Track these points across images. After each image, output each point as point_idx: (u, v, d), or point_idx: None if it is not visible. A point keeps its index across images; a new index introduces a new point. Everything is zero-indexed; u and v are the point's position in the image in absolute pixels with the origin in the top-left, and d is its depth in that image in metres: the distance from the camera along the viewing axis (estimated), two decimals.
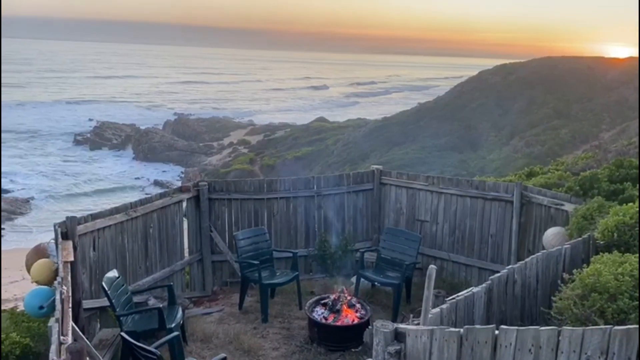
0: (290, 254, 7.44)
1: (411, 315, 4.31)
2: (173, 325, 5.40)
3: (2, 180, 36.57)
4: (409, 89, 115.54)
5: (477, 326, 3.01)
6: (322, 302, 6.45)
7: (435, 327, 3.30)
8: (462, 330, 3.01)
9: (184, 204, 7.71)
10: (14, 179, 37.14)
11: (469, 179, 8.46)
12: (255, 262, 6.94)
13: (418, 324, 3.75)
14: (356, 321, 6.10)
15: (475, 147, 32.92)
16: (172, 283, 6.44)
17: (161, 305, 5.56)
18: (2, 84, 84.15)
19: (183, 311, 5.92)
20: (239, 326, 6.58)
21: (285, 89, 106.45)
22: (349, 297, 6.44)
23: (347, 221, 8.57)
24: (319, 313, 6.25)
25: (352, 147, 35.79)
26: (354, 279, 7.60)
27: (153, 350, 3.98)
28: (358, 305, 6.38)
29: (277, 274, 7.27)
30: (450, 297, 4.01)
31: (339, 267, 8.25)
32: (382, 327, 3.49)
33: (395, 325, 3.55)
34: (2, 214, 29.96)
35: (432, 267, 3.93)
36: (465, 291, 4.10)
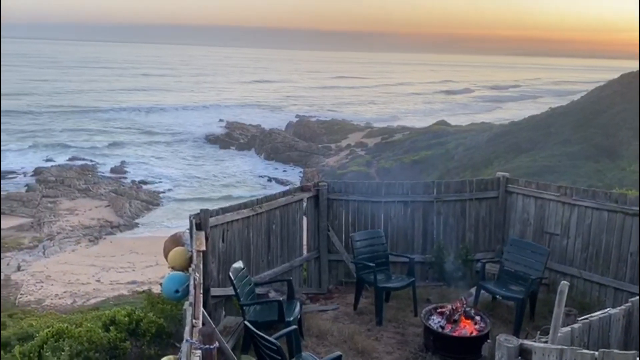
0: (407, 259, 7.36)
1: (537, 333, 4.04)
2: (291, 319, 5.58)
3: (142, 173, 40.45)
4: (546, 93, 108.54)
5: (616, 351, 2.76)
6: (439, 310, 6.29)
7: (565, 347, 3.07)
8: (597, 353, 2.78)
9: (304, 203, 7.96)
10: (152, 173, 40.86)
11: (607, 191, 7.74)
12: (371, 264, 6.96)
13: (546, 342, 3.51)
14: (475, 333, 5.87)
15: (613, 156, 30.02)
16: (291, 278, 6.67)
17: (281, 299, 5.78)
18: (148, 88, 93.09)
19: (300, 306, 6.10)
20: (353, 326, 6.64)
21: (404, 93, 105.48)
22: (467, 308, 6.21)
23: (468, 229, 8.27)
24: (436, 321, 6.11)
25: (475, 152, 34.43)
26: (473, 290, 7.31)
27: (273, 341, 4.15)
28: (477, 317, 6.13)
29: (393, 278, 7.22)
30: (583, 317, 3.71)
31: (458, 276, 7.99)
32: (506, 342, 3.32)
33: (521, 341, 3.36)
34: (142, 204, 33.11)
35: (565, 284, 3.66)
36: (600, 312, 3.77)
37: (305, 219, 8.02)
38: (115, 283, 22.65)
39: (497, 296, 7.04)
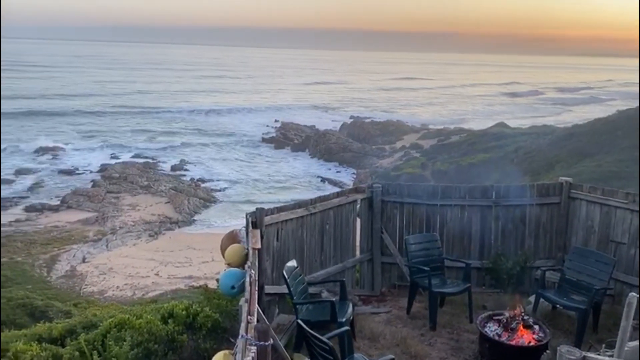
0: (463, 264, 7.20)
1: (602, 346, 3.85)
2: (344, 319, 5.58)
3: (200, 172, 41.59)
4: (617, 95, 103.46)
5: None
6: (496, 317, 6.12)
7: None
8: None
9: (358, 204, 7.94)
10: (209, 172, 41.95)
11: None
12: (426, 268, 6.86)
13: (611, 356, 3.35)
14: (533, 343, 5.66)
15: None
16: (344, 279, 6.67)
17: (334, 299, 5.80)
18: (206, 90, 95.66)
19: (353, 307, 6.09)
20: (406, 330, 6.56)
21: (465, 94, 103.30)
22: (526, 317, 6.01)
23: (527, 235, 8.00)
24: (492, 329, 5.94)
25: (535, 156, 33.25)
26: (531, 298, 7.07)
27: (326, 340, 4.16)
28: (536, 327, 5.92)
29: (448, 282, 7.09)
30: None
31: (515, 283, 7.75)
32: (568, 353, 3.18)
33: (584, 353, 3.21)
34: (199, 201, 34.04)
35: (633, 295, 3.47)
36: None
37: (358, 220, 8.01)
38: (172, 277, 23.40)
39: (558, 305, 6.77)
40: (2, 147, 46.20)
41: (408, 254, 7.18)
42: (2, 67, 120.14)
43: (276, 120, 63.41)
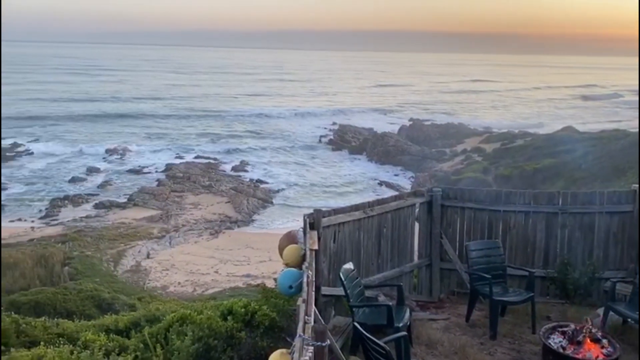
0: (526, 273, 6.95)
1: None
2: (401, 324, 5.52)
3: (260, 173, 42.36)
4: None
5: None
6: (561, 329, 5.85)
7: None
8: None
9: (417, 208, 7.82)
10: (268, 173, 42.66)
11: None
12: (487, 275, 6.66)
13: None
14: (601, 358, 5.38)
15: None
16: (401, 283, 6.59)
17: (391, 304, 5.74)
18: (266, 93, 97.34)
19: (410, 313, 6.00)
20: (465, 338, 6.40)
21: (534, 97, 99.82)
22: (593, 330, 5.71)
23: (596, 245, 7.61)
24: (556, 341, 5.69)
25: (605, 161, 31.61)
26: (600, 311, 6.71)
27: (383, 345, 4.13)
28: (604, 341, 5.61)
29: (510, 291, 6.85)
30: None
31: (582, 295, 7.39)
32: None
33: None
34: (258, 201, 34.67)
35: None
36: None
37: (417, 224, 7.89)
38: (231, 275, 23.96)
39: (630, 320, 6.40)
40: (77, 148, 48.99)
41: (468, 260, 7.00)
42: (76, 71, 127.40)
43: (334, 123, 63.63)
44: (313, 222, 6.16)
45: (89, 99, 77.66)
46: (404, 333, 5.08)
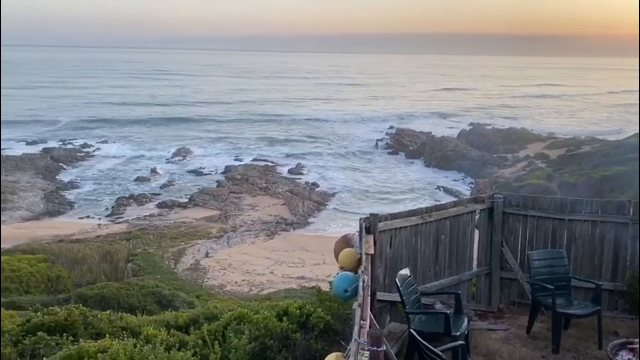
0: (592, 285, 6.61)
1: None
2: (458, 333, 5.39)
3: (315, 176, 42.62)
4: None
5: None
6: (630, 346, 5.53)
7: None
8: None
9: (477, 215, 7.62)
10: (324, 176, 42.84)
11: None
12: (550, 286, 6.39)
13: None
14: None
15: None
16: (459, 292, 6.44)
17: (448, 312, 5.62)
18: (324, 97, 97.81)
19: (468, 322, 5.85)
20: (525, 350, 6.17)
21: (604, 102, 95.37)
22: None
23: None
24: (625, 358, 5.38)
25: None
26: None
27: (440, 353, 4.05)
28: None
29: (575, 303, 6.54)
30: None
31: None
32: None
33: None
34: (313, 204, 34.89)
35: None
36: None
37: (476, 231, 7.69)
38: (286, 277, 24.23)
39: None
40: (142, 150, 51.11)
41: (531, 270, 6.75)
42: (144, 76, 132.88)
43: (391, 127, 63.17)
44: (369, 226, 6.12)
45: (154, 102, 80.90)
46: (462, 342, 4.96)
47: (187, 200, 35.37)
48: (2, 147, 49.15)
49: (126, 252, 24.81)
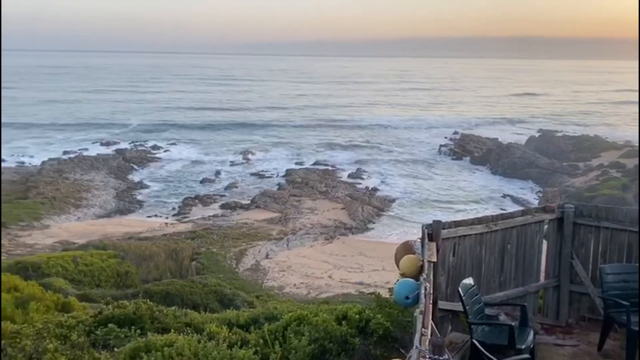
0: None
1: None
2: (523, 346, 5.20)
3: (375, 181, 42.40)
4: None
5: None
6: None
7: None
8: None
9: (546, 225, 7.33)
10: (385, 181, 42.53)
11: None
12: (624, 302, 6.04)
13: None
14: None
15: None
16: (525, 304, 6.22)
17: (513, 324, 5.43)
18: (388, 102, 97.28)
19: (534, 335, 5.63)
20: None
21: None
22: None
23: None
24: None
25: None
26: None
27: None
28: None
29: None
30: None
31: None
32: None
33: None
34: (373, 209, 34.68)
35: None
36: None
37: (545, 242, 7.39)
38: (344, 281, 24.20)
39: None
40: (208, 152, 52.78)
41: (603, 284, 6.40)
42: (212, 81, 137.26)
43: (455, 132, 61.87)
44: (432, 233, 6.02)
45: (221, 107, 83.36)
46: (527, 356, 4.79)
47: (249, 202, 36.14)
48: (79, 147, 52.29)
49: (191, 250, 25.64)
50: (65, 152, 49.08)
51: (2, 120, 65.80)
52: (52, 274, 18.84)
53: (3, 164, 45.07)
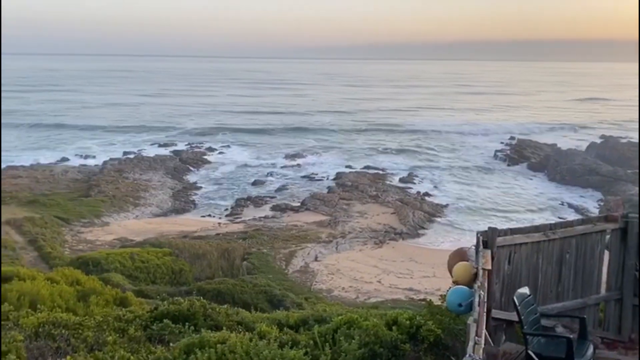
0: None
1: None
2: None
3: (427, 186, 41.75)
4: None
5: None
6: None
7: None
8: None
9: (607, 235, 7.01)
10: (437, 186, 41.85)
11: None
12: None
13: None
14: None
15: None
16: (584, 316, 5.97)
17: (571, 336, 5.23)
18: (441, 107, 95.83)
19: (594, 349, 5.40)
20: None
21: None
22: None
23: None
24: None
25: None
26: None
27: None
28: None
29: None
30: None
31: None
32: None
33: None
34: (424, 215, 34.19)
35: None
36: None
37: (606, 252, 7.07)
38: (393, 287, 23.98)
39: None
40: (260, 155, 53.64)
41: None
42: (263, 85, 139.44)
43: (511, 137, 60.19)
44: (487, 240, 5.88)
45: (274, 111, 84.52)
46: None
47: (299, 204, 36.44)
48: (138, 148, 54.38)
49: (242, 250, 26.12)
50: (125, 153, 51.14)
51: (68, 122, 69.60)
52: (110, 269, 19.68)
53: (68, 163, 47.50)
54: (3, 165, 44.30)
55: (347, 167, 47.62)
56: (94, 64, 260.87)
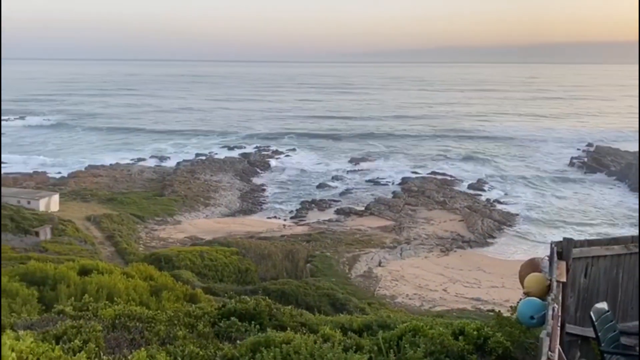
0: None
1: None
2: None
3: (498, 193, 40.38)
4: None
5: None
6: None
7: None
8: None
9: None
10: (508, 194, 40.39)
11: None
12: None
13: None
14: None
15: None
16: None
17: None
18: (514, 112, 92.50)
19: None
20: None
21: None
22: None
23: None
24: None
25: None
26: None
27: None
28: None
29: None
30: None
31: None
32: None
33: None
34: (494, 223, 33.11)
35: None
36: None
37: None
38: (460, 296, 23.39)
39: None
40: (326, 159, 54.00)
41: None
42: (331, 89, 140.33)
43: (589, 144, 57.19)
44: (561, 251, 5.61)
45: (339, 115, 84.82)
46: None
47: (363, 208, 36.33)
48: (209, 150, 56.28)
49: (306, 252, 26.39)
50: (197, 155, 53.09)
51: (145, 125, 73.21)
52: (181, 266, 20.47)
53: (144, 163, 49.92)
54: (86, 164, 47.26)
55: (413, 172, 46.99)
56: (164, 69, 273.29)
